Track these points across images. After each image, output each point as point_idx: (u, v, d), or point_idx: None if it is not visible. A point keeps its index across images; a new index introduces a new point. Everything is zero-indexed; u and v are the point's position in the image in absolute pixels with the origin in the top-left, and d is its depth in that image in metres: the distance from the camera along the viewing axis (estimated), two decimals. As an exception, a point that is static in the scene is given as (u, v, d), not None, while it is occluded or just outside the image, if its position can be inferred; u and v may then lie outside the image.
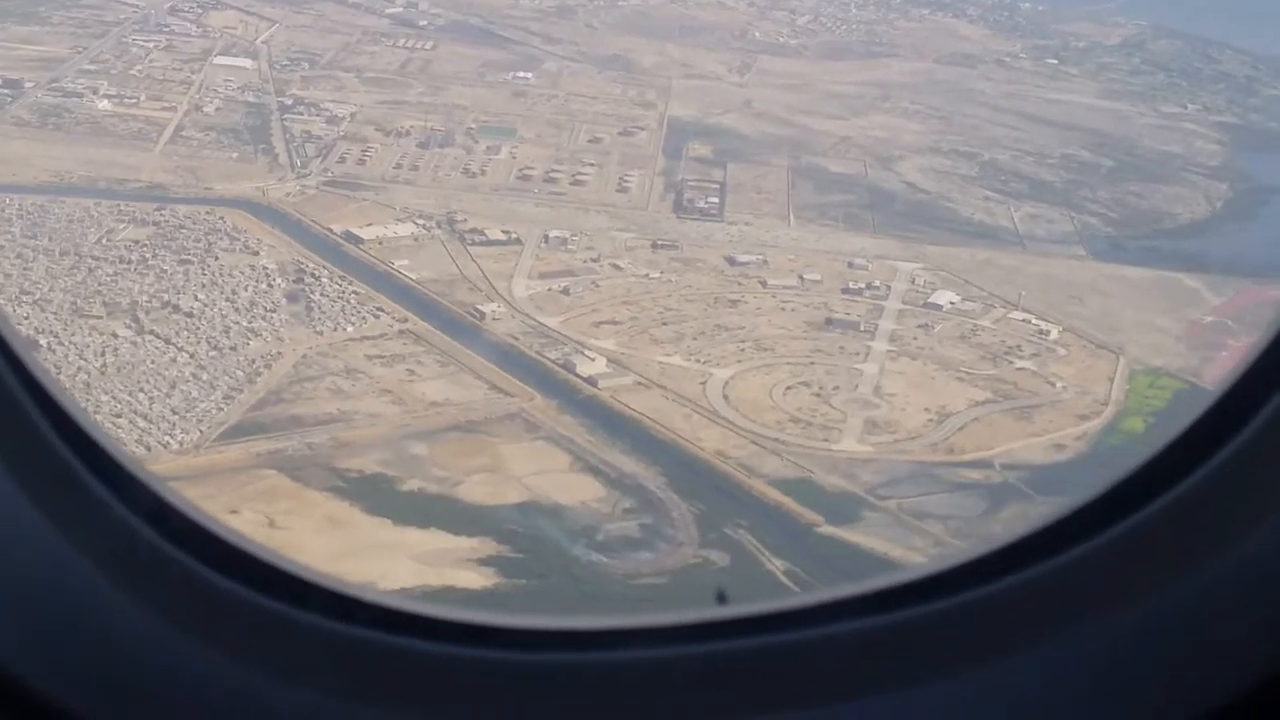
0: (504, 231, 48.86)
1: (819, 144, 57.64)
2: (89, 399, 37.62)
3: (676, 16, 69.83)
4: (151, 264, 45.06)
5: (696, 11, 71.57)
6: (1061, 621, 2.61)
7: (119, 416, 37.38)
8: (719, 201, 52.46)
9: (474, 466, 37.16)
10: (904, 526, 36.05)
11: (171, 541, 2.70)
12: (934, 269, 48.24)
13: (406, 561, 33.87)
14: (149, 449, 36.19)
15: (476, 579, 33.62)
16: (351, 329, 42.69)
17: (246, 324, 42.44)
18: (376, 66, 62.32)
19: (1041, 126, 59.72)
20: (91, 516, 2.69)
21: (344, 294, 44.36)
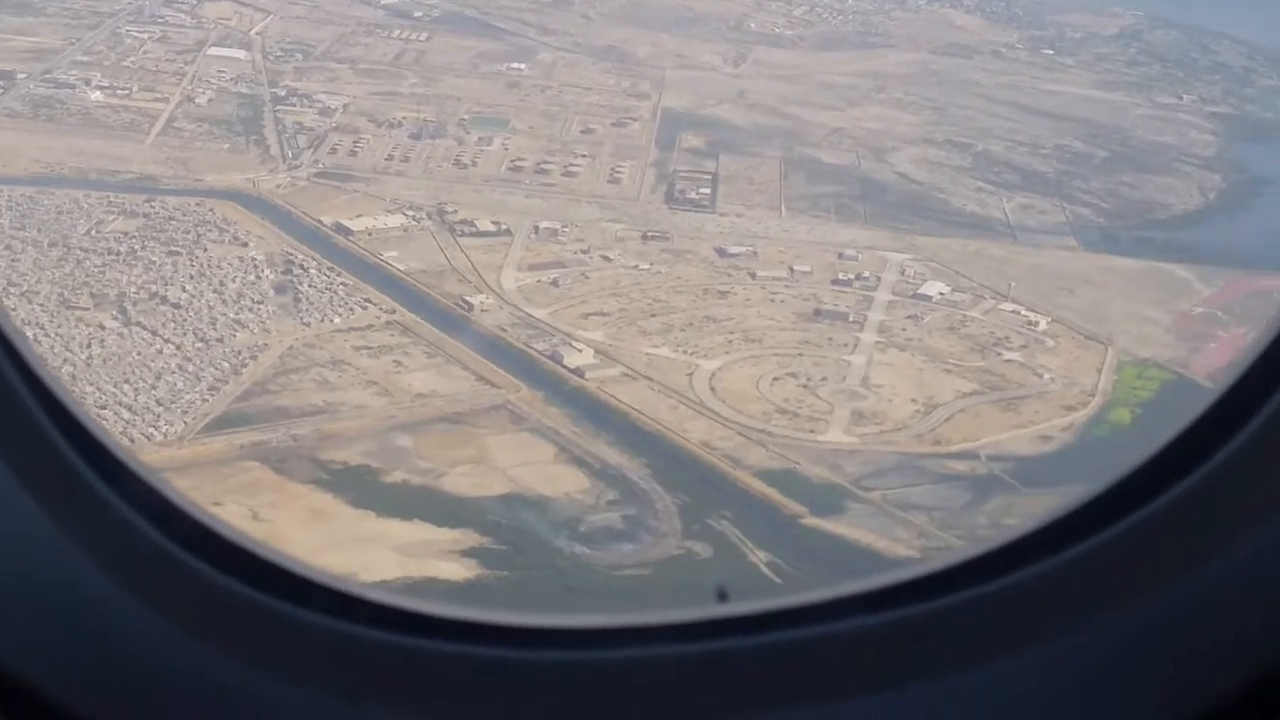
0: (494, 223, 48.81)
1: (812, 135, 57.52)
2: (74, 391, 37.63)
3: (672, 7, 69.65)
4: (140, 255, 45.07)
5: (692, 2, 71.38)
6: (1060, 620, 2.61)
7: (104, 408, 37.39)
8: (711, 193, 52.38)
9: (459, 458, 37.16)
10: (888, 518, 36.03)
11: (172, 539, 2.70)
12: (924, 260, 48.14)
13: (389, 553, 33.89)
14: (133, 440, 36.19)
15: (459, 571, 33.64)
16: (339, 320, 42.68)
17: (233, 315, 42.45)
18: (370, 58, 62.24)
19: (1036, 117, 59.58)
20: (92, 514, 2.70)
21: (332, 285, 44.35)
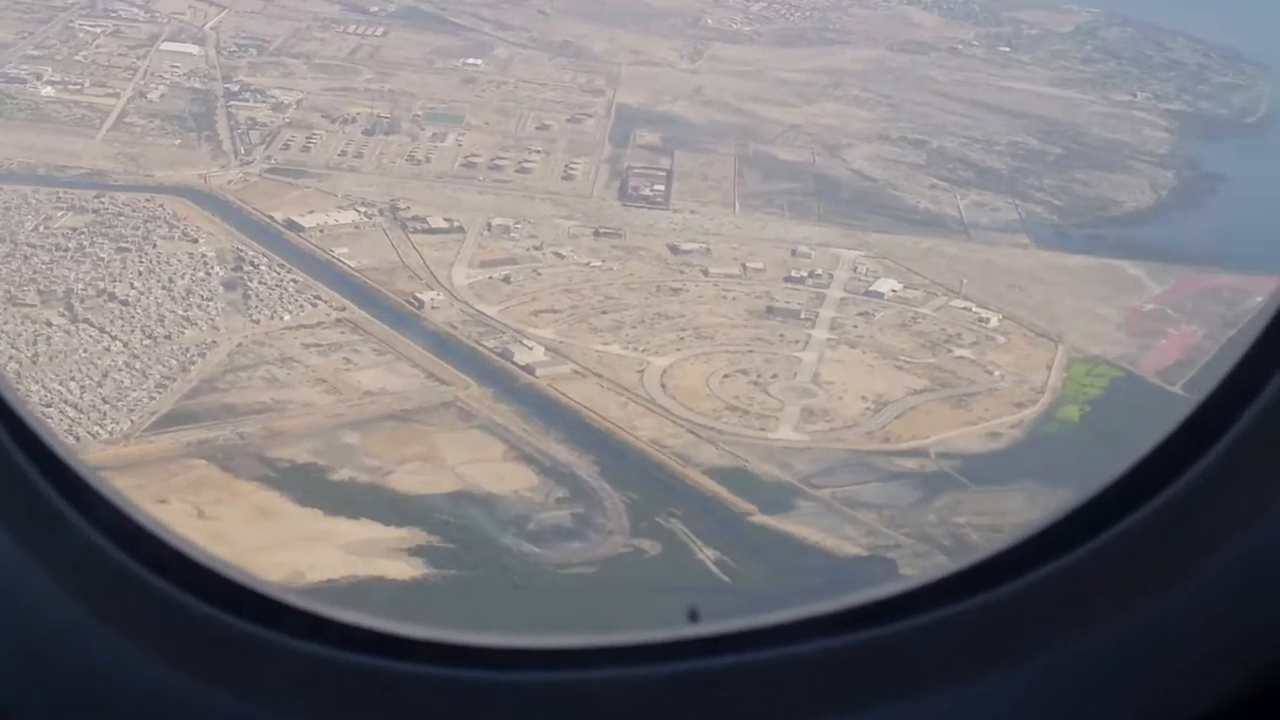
0: (446, 219, 48.65)
1: (768, 132, 57.50)
2: (18, 389, 37.33)
3: (629, 3, 69.48)
4: (89, 251, 44.77)
5: (650, -2, 71.33)
6: (1046, 633, 2.59)
7: (49, 406, 37.11)
8: (665, 189, 52.31)
9: (407, 456, 37.03)
10: (837, 515, 36.05)
11: (144, 566, 2.69)
12: (877, 257, 48.20)
13: (335, 552, 33.76)
14: (78, 439, 35.96)
15: (405, 569, 33.52)
16: (289, 317, 42.48)
17: (182, 312, 42.20)
18: (326, 53, 61.95)
19: (991, 114, 59.71)
20: (64, 542, 2.68)
21: (282, 282, 44.13)
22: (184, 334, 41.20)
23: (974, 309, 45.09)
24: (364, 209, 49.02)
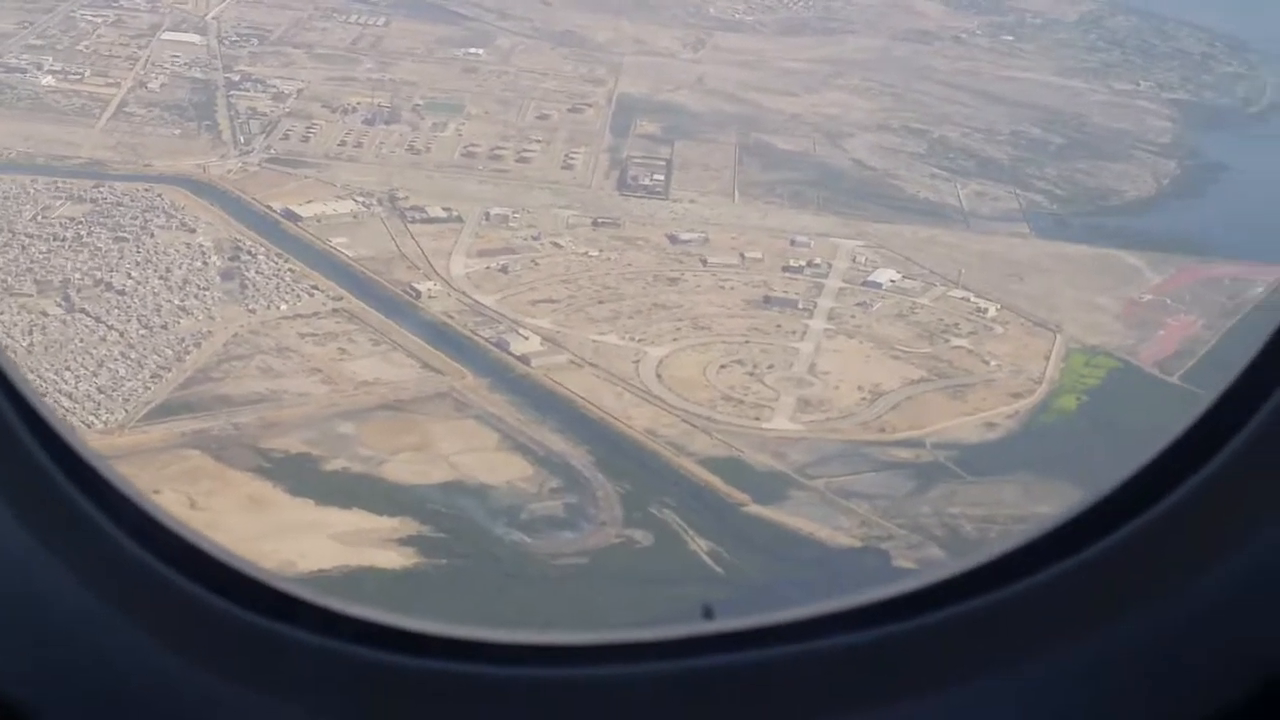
0: (445, 209, 48.60)
1: (769, 121, 57.38)
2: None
3: (632, -8, 69.42)
4: (86, 241, 44.80)
5: (653, -13, 71.17)
6: (1052, 635, 2.59)
7: (44, 396, 37.07)
8: (664, 179, 52.21)
9: (401, 446, 37.02)
10: (831, 506, 35.97)
11: (159, 558, 2.71)
12: (876, 247, 48.08)
13: (327, 542, 33.76)
14: (72, 429, 35.93)
15: (396, 559, 33.53)
16: (285, 307, 42.46)
17: (179, 302, 42.21)
18: (327, 43, 61.91)
19: (993, 104, 59.51)
20: (79, 534, 2.70)
21: (279, 272, 44.11)
22: (180, 324, 41.21)
23: (972, 299, 44.97)
24: (363, 199, 49.01)
